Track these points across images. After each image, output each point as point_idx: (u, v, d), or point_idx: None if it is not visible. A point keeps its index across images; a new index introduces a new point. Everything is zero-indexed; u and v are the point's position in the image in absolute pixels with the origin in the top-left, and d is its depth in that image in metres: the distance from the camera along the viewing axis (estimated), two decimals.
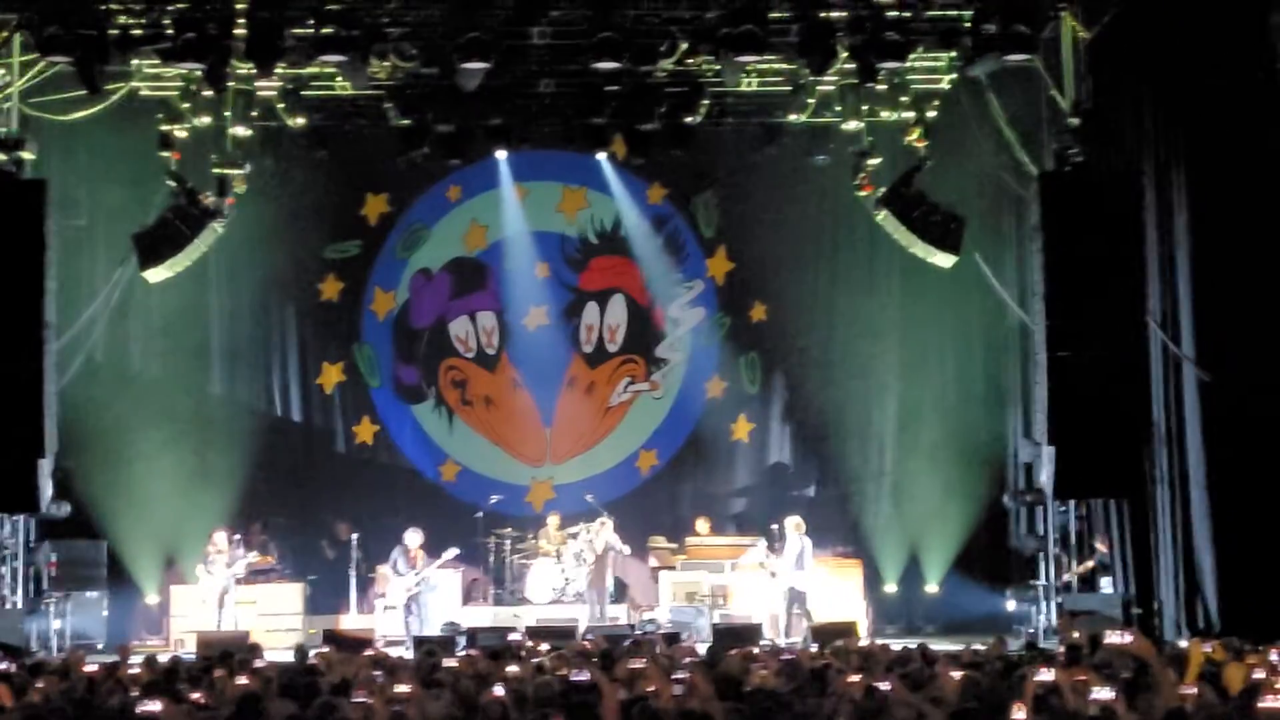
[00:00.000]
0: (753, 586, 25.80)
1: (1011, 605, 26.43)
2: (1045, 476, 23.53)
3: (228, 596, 24.91)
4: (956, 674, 12.88)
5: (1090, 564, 24.93)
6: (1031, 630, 24.92)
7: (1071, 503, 25.05)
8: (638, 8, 22.63)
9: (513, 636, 19.92)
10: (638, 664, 13.73)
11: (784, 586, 25.02)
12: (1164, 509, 23.58)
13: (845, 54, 22.53)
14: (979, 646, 16.57)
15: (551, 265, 29.28)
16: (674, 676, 12.71)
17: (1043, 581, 25.55)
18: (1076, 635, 17.03)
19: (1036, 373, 23.77)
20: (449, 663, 14.87)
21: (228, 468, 27.33)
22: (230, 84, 23.48)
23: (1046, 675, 11.31)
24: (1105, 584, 24.63)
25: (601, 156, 27.81)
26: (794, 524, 25.34)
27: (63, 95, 23.53)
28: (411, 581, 25.01)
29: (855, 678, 12.57)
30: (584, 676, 12.09)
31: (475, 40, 21.75)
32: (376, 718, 11.23)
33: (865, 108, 24.79)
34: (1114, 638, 12.15)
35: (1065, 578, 25.03)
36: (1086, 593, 24.73)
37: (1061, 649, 16.32)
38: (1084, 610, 23.52)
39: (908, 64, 23.30)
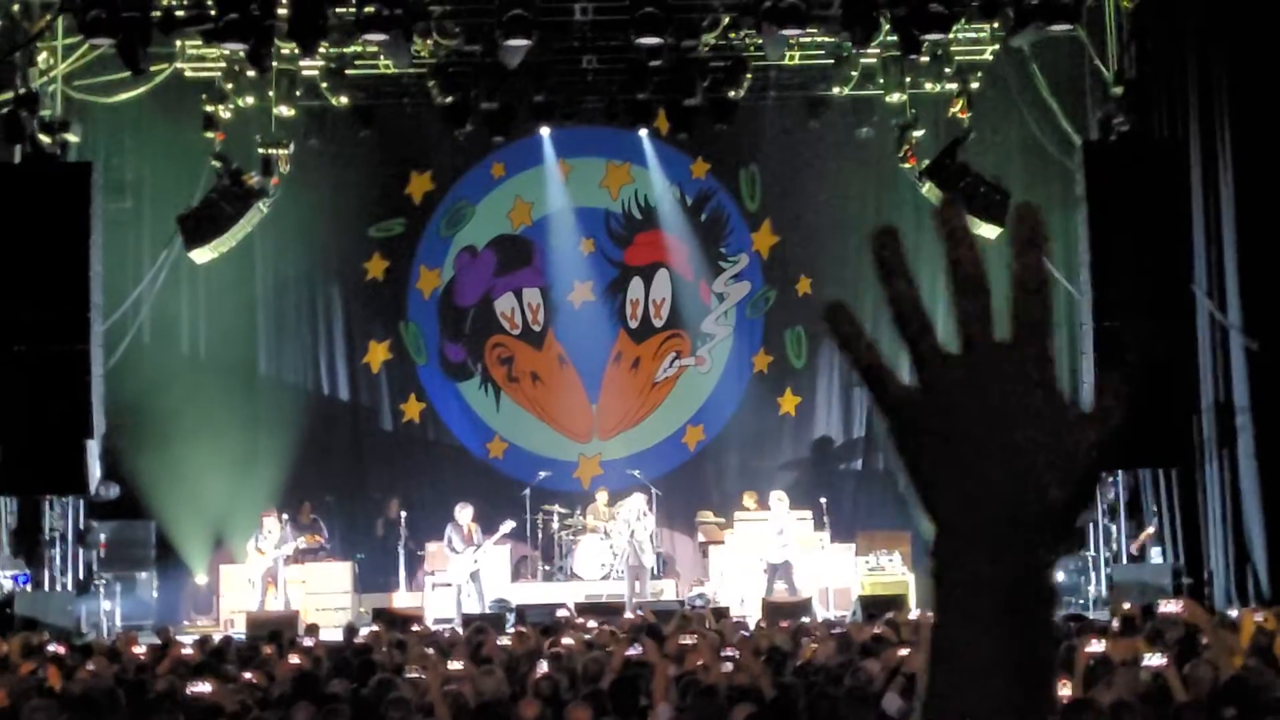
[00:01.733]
0: (735, 562, 25.76)
1: (1060, 576, 26.31)
2: None
3: (277, 577, 24.98)
4: None
5: (1151, 530, 24.78)
6: (1081, 601, 24.89)
7: (1119, 472, 24.98)
8: None
9: (561, 613, 19.92)
10: (687, 639, 13.73)
11: (765, 561, 25.00)
12: (1212, 478, 23.48)
13: (888, 26, 22.47)
14: None
15: (596, 241, 29.24)
16: (724, 652, 12.72)
17: (1092, 552, 25.52)
18: (1128, 606, 16.98)
19: (1083, 342, 23.70)
20: (501, 640, 14.91)
21: (275, 447, 27.43)
22: (273, 64, 23.58)
23: (1097, 647, 11.27)
24: (1155, 554, 24.55)
25: (644, 132, 27.77)
26: (776, 497, 25.32)
27: (107, 77, 23.67)
28: (471, 559, 24.85)
29: (905, 651, 12.56)
30: (635, 651, 12.10)
31: (517, 17, 21.73)
32: (430, 695, 11.26)
33: (908, 80, 24.76)
34: (1167, 606, 12.10)
35: (1136, 545, 24.94)
36: (1136, 563, 24.67)
37: (1115, 621, 16.27)
38: (1130, 581, 23.51)
39: (950, 35, 23.23)
